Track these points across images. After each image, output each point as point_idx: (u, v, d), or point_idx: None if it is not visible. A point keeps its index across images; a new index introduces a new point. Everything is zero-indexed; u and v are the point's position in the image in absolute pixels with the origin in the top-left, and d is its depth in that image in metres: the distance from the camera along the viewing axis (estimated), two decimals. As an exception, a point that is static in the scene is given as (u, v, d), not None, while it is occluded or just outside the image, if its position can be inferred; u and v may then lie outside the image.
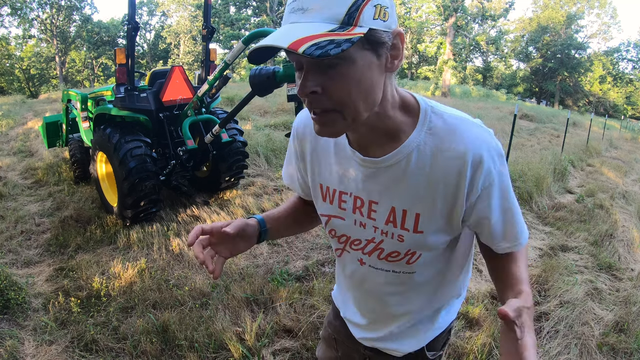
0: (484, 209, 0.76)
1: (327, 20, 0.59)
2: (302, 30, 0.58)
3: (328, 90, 0.63)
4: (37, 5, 29.35)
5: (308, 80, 0.63)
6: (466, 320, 2.48)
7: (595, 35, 39.40)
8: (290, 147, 0.97)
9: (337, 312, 1.12)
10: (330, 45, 0.56)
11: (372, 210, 0.82)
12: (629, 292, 3.00)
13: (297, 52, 0.54)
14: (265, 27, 4.84)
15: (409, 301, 0.92)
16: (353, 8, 0.58)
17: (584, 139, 10.83)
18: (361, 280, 0.93)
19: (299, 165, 0.95)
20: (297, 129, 0.91)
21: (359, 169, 0.80)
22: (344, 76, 0.62)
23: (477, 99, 23.15)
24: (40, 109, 11.78)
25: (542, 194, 5.08)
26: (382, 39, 0.62)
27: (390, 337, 0.99)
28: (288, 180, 1.03)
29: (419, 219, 0.78)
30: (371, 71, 0.64)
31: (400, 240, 0.81)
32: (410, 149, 0.74)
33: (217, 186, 4.45)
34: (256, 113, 10.45)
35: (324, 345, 1.22)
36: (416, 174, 0.75)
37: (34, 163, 5.96)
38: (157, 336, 2.26)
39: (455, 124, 0.73)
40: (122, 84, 3.72)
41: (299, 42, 0.56)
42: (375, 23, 0.61)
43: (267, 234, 0.96)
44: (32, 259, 3.24)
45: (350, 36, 0.57)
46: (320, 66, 0.62)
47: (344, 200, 0.85)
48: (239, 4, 30.55)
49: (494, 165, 0.73)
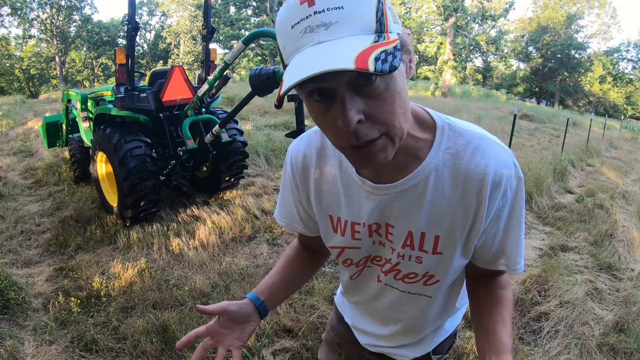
0: (493, 227, 0.74)
1: (362, 32, 0.51)
2: (346, 47, 0.49)
3: (372, 114, 0.55)
4: (37, 5, 29.36)
5: (350, 109, 0.53)
6: (466, 320, 2.48)
7: (595, 35, 39.40)
8: (286, 184, 0.89)
9: (340, 316, 1.10)
10: (389, 56, 0.48)
11: (388, 232, 0.77)
12: (629, 292, 2.99)
13: (368, 70, 0.46)
14: (265, 27, 4.83)
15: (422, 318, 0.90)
16: (379, 14, 0.52)
17: (584, 139, 10.83)
18: (377, 297, 0.90)
19: (300, 200, 0.87)
20: (295, 160, 0.83)
21: (370, 198, 0.74)
22: (386, 93, 0.54)
23: (477, 99, 23.15)
24: (40, 109, 11.77)
25: (542, 194, 5.08)
26: (406, 43, 0.58)
27: (397, 346, 0.98)
28: (287, 220, 0.94)
29: (438, 241, 0.74)
30: (404, 80, 0.58)
31: (418, 262, 0.77)
32: (428, 171, 0.69)
33: (217, 186, 4.45)
34: (256, 113, 10.45)
35: (326, 348, 1.21)
36: (434, 197, 0.70)
37: (34, 163, 5.96)
38: (157, 336, 2.26)
39: (476, 144, 0.69)
40: (122, 84, 3.72)
41: (362, 59, 0.47)
42: (396, 27, 0.55)
43: (265, 307, 0.88)
44: (32, 259, 3.24)
45: (393, 43, 0.50)
46: (357, 88, 0.53)
47: (357, 230, 0.79)
48: (239, 4, 30.55)
49: (510, 186, 0.69)
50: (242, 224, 3.76)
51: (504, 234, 0.75)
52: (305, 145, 0.82)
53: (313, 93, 0.55)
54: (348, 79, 0.52)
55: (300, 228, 0.93)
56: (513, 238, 0.76)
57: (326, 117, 0.56)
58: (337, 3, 0.51)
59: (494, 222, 0.73)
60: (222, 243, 3.49)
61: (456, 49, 24.10)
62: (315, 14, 0.51)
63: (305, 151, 0.82)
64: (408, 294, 0.84)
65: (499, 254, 0.78)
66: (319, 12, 0.51)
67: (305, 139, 0.83)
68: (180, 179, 4.54)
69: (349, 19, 0.51)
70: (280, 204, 0.94)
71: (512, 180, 0.69)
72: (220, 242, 3.48)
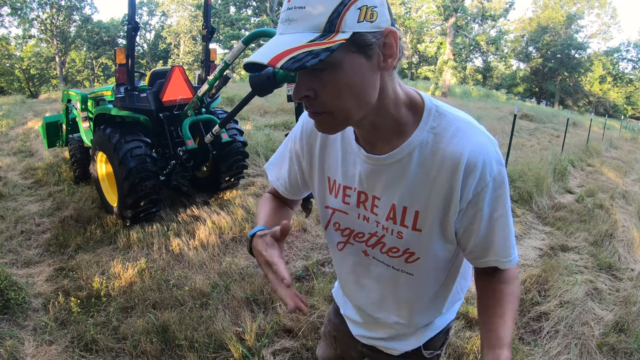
0: (473, 214, 0.75)
1: (309, 30, 0.60)
2: (283, 44, 0.59)
3: (319, 94, 0.65)
4: (37, 5, 29.33)
5: (300, 86, 0.66)
6: (466, 320, 2.48)
7: (595, 35, 39.40)
8: (290, 143, 0.96)
9: (337, 309, 1.13)
10: (308, 56, 0.57)
11: (374, 205, 0.82)
12: (629, 292, 3.00)
13: (276, 67, 0.56)
14: (265, 27, 4.83)
15: (409, 302, 0.92)
16: (334, 15, 0.59)
17: (584, 139, 10.83)
18: (364, 272, 0.93)
19: (299, 159, 0.94)
20: (307, 124, 0.91)
21: (363, 165, 0.81)
22: (332, 81, 0.63)
23: (477, 99, 23.15)
24: (40, 109, 11.77)
25: (542, 194, 5.08)
26: (368, 41, 0.62)
27: (387, 337, 1.00)
28: (275, 174, 1.01)
29: (417, 216, 0.78)
30: (361, 73, 0.64)
31: (399, 237, 0.81)
32: (413, 147, 0.74)
33: (217, 186, 4.45)
34: (256, 113, 10.45)
35: (323, 343, 1.24)
36: (417, 172, 0.75)
37: (34, 163, 5.96)
38: (157, 336, 2.26)
39: (458, 126, 0.73)
40: (122, 84, 3.72)
41: (277, 58, 0.57)
42: (361, 26, 0.61)
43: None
44: (32, 259, 3.24)
45: (329, 44, 0.58)
46: (310, 72, 0.63)
47: (347, 194, 0.86)
48: (239, 4, 30.55)
49: (489, 171, 0.71)
50: (242, 224, 3.76)
51: (488, 226, 0.76)
52: None
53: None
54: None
55: (282, 188, 1.00)
56: (501, 231, 0.77)
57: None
58: (301, 3, 0.60)
59: (472, 207, 0.74)
60: (222, 243, 3.50)
61: (456, 49, 24.10)
62: (287, 10, 0.62)
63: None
64: (393, 269, 0.87)
65: (487, 248, 0.79)
66: (290, 9, 0.61)
67: None
68: (180, 179, 4.54)
69: (304, 18, 0.60)
70: (275, 161, 1.02)
71: (491, 165, 0.72)
72: (220, 242, 3.48)
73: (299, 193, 1.01)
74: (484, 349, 0.75)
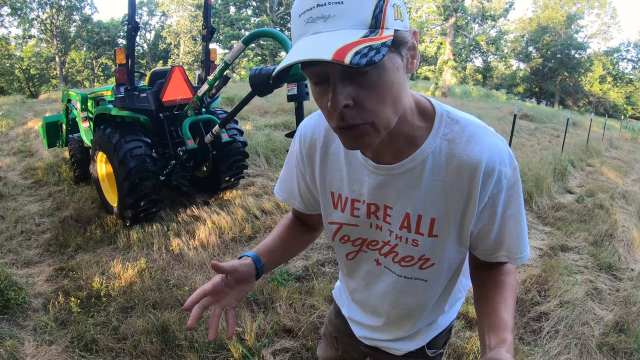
0: (489, 215, 0.75)
1: (355, 26, 0.55)
2: (334, 40, 0.53)
3: (361, 101, 0.59)
4: (37, 5, 29.33)
5: (339, 94, 0.58)
6: (466, 320, 2.48)
7: (595, 35, 39.40)
8: (292, 158, 0.93)
9: (338, 310, 1.13)
10: (372, 51, 0.52)
11: (387, 215, 0.80)
12: (629, 292, 3.00)
13: (344, 63, 0.50)
14: (265, 27, 4.83)
15: (419, 306, 0.92)
16: (377, 10, 0.56)
17: (584, 139, 10.83)
18: (375, 281, 0.92)
19: (304, 174, 0.91)
20: (304, 136, 0.87)
21: (371, 177, 0.78)
22: (376, 84, 0.59)
23: (477, 99, 23.15)
24: (40, 109, 11.77)
25: (542, 194, 5.08)
26: (405, 39, 0.60)
27: (394, 339, 0.99)
28: (286, 195, 0.97)
29: (434, 223, 0.77)
30: (399, 74, 0.61)
31: (414, 245, 0.80)
32: (426, 155, 0.72)
33: (217, 186, 4.45)
34: (256, 113, 10.45)
35: (324, 344, 1.23)
36: (431, 180, 0.73)
37: (34, 163, 5.96)
38: (157, 336, 2.26)
39: (472, 131, 0.72)
40: (122, 84, 3.72)
41: (342, 52, 0.51)
42: (397, 24, 0.58)
43: (262, 270, 0.90)
44: (32, 259, 3.24)
45: (383, 39, 0.54)
46: (349, 76, 0.58)
47: (356, 207, 0.83)
48: (239, 4, 30.54)
49: (505, 174, 0.72)
50: (242, 224, 3.76)
51: (501, 224, 0.76)
52: (314, 123, 0.87)
53: (312, 76, 0.61)
54: (341, 66, 0.56)
55: (297, 204, 0.97)
56: (513, 229, 0.78)
57: (322, 98, 0.62)
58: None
59: (488, 209, 0.74)
60: (222, 243, 3.50)
61: (456, 49, 24.10)
62: (318, 7, 0.56)
63: (314, 129, 0.86)
64: (404, 278, 0.86)
65: (498, 245, 0.79)
66: (321, 5, 0.56)
67: (315, 117, 0.87)
68: (180, 179, 4.54)
69: (346, 14, 0.55)
70: (282, 179, 0.98)
71: (507, 168, 0.72)
72: (220, 242, 3.48)
73: (317, 207, 0.95)
74: (487, 334, 0.72)
